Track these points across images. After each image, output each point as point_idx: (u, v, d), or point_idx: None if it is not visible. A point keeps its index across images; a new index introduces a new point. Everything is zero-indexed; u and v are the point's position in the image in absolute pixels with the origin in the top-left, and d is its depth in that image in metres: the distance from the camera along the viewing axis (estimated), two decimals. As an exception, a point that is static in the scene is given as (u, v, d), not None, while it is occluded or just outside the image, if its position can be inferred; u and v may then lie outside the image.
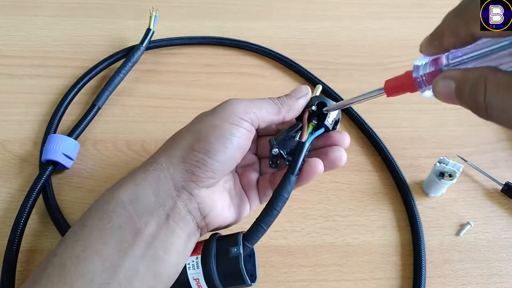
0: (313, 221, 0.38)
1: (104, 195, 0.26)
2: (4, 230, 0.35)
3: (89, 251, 0.23)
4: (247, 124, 0.27)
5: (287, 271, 0.35)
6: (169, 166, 0.25)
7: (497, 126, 0.45)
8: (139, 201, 0.25)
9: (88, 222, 0.24)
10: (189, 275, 0.26)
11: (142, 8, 0.51)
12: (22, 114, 0.42)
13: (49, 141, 0.37)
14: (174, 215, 0.25)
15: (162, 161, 0.26)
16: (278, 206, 0.26)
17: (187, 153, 0.25)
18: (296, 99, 0.29)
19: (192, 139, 0.26)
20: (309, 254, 0.36)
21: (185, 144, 0.26)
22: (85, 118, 0.40)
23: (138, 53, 0.44)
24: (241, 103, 0.27)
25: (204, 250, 0.27)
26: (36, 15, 0.49)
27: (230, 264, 0.25)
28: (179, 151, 0.26)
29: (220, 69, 0.47)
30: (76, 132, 0.39)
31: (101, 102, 0.41)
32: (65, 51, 0.46)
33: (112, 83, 0.42)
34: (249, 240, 0.26)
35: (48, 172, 0.36)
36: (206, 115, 0.27)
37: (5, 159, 0.39)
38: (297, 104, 0.29)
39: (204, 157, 0.25)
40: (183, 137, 0.26)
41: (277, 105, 0.28)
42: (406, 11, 0.54)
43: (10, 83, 0.44)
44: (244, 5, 0.53)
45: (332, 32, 0.51)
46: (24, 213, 0.34)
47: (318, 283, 0.35)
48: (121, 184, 0.26)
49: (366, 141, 0.42)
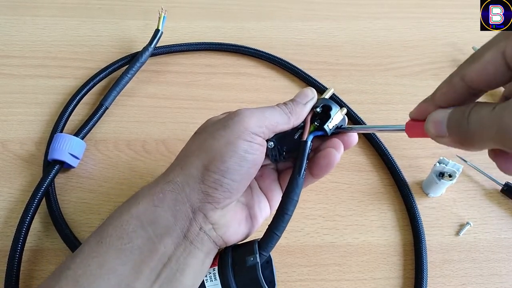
0: (313, 221, 0.38)
1: (121, 212, 0.25)
2: (5, 230, 0.35)
3: (105, 270, 0.23)
4: (260, 139, 0.26)
5: (287, 271, 0.35)
6: (185, 187, 0.25)
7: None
8: (158, 223, 0.24)
9: (106, 239, 0.24)
10: (208, 287, 0.26)
11: (142, 9, 0.51)
12: (22, 114, 0.42)
13: (56, 140, 0.37)
14: (191, 236, 0.25)
15: (179, 182, 0.25)
16: (289, 210, 0.26)
17: (202, 174, 0.25)
18: (303, 105, 0.28)
19: (206, 158, 0.25)
20: (309, 254, 0.36)
21: (199, 164, 0.25)
22: (93, 118, 0.40)
23: (147, 53, 0.44)
24: (253, 116, 0.26)
25: (220, 261, 0.26)
26: (37, 16, 0.49)
27: (248, 274, 0.25)
28: (194, 170, 0.25)
29: (220, 69, 0.47)
30: (83, 132, 0.39)
31: (109, 102, 0.42)
32: (66, 51, 0.46)
33: (120, 84, 0.42)
34: (264, 248, 0.26)
35: (54, 171, 0.36)
36: (217, 128, 0.26)
37: (6, 159, 0.39)
38: (304, 111, 0.28)
39: (220, 177, 0.25)
40: (196, 155, 0.26)
41: (287, 115, 0.27)
42: (406, 11, 0.55)
43: (11, 83, 0.44)
44: (244, 6, 0.53)
45: (332, 32, 0.51)
46: (30, 213, 0.34)
47: (318, 283, 0.35)
48: (139, 202, 0.25)
49: (366, 141, 0.43)
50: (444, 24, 0.53)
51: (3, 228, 0.35)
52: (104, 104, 0.41)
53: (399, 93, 0.47)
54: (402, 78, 0.48)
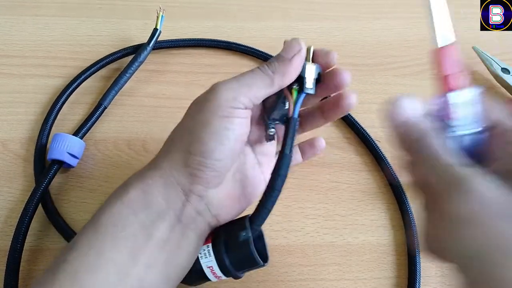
0: (313, 220, 0.38)
1: (112, 202, 0.25)
2: (5, 230, 0.35)
3: (103, 260, 0.23)
4: (240, 112, 0.25)
5: (287, 271, 0.35)
6: (172, 171, 0.25)
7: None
8: (151, 208, 0.24)
9: (101, 229, 0.24)
10: (203, 264, 0.26)
11: (142, 8, 0.51)
12: (23, 114, 0.42)
13: (54, 140, 0.37)
14: (184, 218, 0.25)
15: (165, 167, 0.25)
16: (278, 186, 0.26)
17: (185, 158, 0.25)
18: (289, 60, 0.25)
19: (187, 142, 0.25)
20: (309, 253, 0.36)
21: (181, 148, 0.25)
22: (91, 117, 0.40)
23: (145, 53, 0.44)
24: (228, 89, 0.25)
25: (213, 238, 0.27)
26: (37, 15, 0.49)
27: (241, 248, 0.26)
28: (177, 155, 0.25)
29: (221, 69, 0.47)
30: (82, 131, 0.39)
31: (107, 101, 0.41)
32: (66, 51, 0.46)
33: (118, 83, 0.42)
34: (255, 222, 0.26)
35: (53, 171, 0.36)
36: (195, 110, 0.26)
37: (6, 158, 0.39)
38: (291, 66, 0.25)
39: (202, 159, 0.24)
40: (179, 139, 0.26)
41: (269, 75, 0.25)
42: (406, 11, 0.55)
43: (11, 82, 0.44)
44: (244, 6, 0.53)
45: (332, 32, 0.51)
46: (29, 213, 0.34)
47: (318, 282, 0.35)
48: (129, 190, 0.25)
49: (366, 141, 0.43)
50: (444, 24, 0.53)
51: (3, 228, 0.35)
52: (103, 104, 0.41)
53: (400, 93, 0.47)
54: (402, 78, 0.48)
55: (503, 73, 0.46)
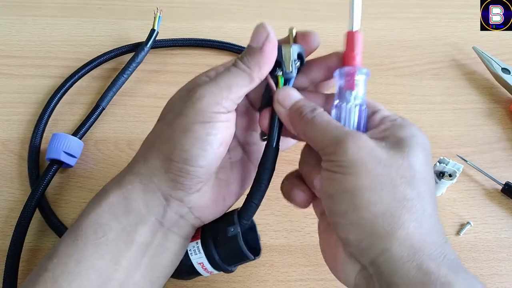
0: (313, 220, 0.37)
1: (92, 207, 0.24)
2: (5, 230, 0.35)
3: (83, 266, 0.23)
4: (222, 116, 0.23)
5: (288, 271, 0.35)
6: (152, 178, 0.24)
7: (497, 126, 0.45)
8: (131, 213, 0.24)
9: (81, 235, 0.23)
10: (193, 260, 0.26)
11: (142, 8, 0.51)
12: (23, 114, 0.42)
13: (53, 140, 0.37)
14: (166, 222, 0.24)
15: (144, 173, 0.24)
16: (264, 180, 0.25)
17: (166, 164, 0.24)
18: (260, 50, 0.24)
19: (167, 149, 0.24)
20: (310, 253, 0.36)
21: (161, 154, 0.24)
22: (89, 118, 0.40)
23: (142, 53, 0.44)
24: (207, 94, 0.23)
25: (202, 234, 0.27)
26: (37, 16, 0.49)
27: (230, 244, 0.26)
28: (157, 161, 0.24)
29: (221, 69, 0.47)
30: (80, 133, 0.39)
31: (105, 102, 0.42)
32: (66, 51, 0.47)
33: (116, 84, 0.42)
34: (244, 217, 0.26)
35: (52, 171, 0.36)
36: (173, 116, 0.24)
37: (6, 158, 0.39)
38: (263, 55, 0.24)
39: (184, 166, 0.23)
40: (157, 147, 0.24)
41: (245, 71, 0.24)
42: (406, 11, 0.55)
43: (11, 83, 0.44)
44: (244, 6, 0.53)
45: (332, 32, 0.51)
46: (28, 213, 0.34)
47: (318, 282, 0.35)
48: (109, 196, 0.24)
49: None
50: (444, 24, 0.53)
51: (3, 228, 0.35)
52: (101, 105, 0.41)
53: (400, 93, 0.47)
54: (403, 78, 0.48)
55: (503, 73, 0.46)
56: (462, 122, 0.45)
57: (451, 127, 0.44)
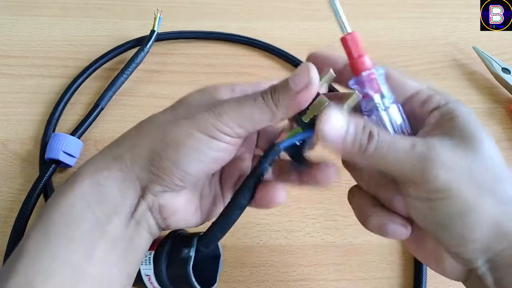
0: (314, 220, 0.38)
1: (64, 194, 0.22)
2: (5, 230, 0.35)
3: (57, 263, 0.21)
4: (229, 139, 0.22)
5: (288, 271, 0.35)
6: (134, 165, 0.23)
7: (498, 126, 0.45)
8: (106, 202, 0.22)
9: (52, 228, 0.22)
10: (141, 270, 0.25)
11: (142, 8, 0.51)
12: (23, 114, 0.42)
13: (52, 140, 0.37)
14: (137, 215, 0.23)
15: (127, 159, 0.23)
16: (234, 214, 0.23)
17: (154, 156, 0.22)
18: (296, 93, 0.22)
19: (160, 142, 0.22)
20: (310, 253, 0.36)
21: (152, 145, 0.23)
22: (88, 118, 0.40)
23: (142, 54, 0.44)
24: (228, 113, 0.22)
25: (158, 247, 0.25)
26: (37, 15, 0.49)
27: (179, 265, 0.24)
28: (145, 151, 0.23)
29: (221, 69, 0.47)
30: (78, 132, 0.39)
31: (104, 102, 0.42)
32: (66, 51, 0.46)
33: (115, 84, 0.42)
34: (204, 244, 0.24)
35: (50, 171, 0.36)
36: (183, 115, 0.23)
37: (6, 158, 0.39)
38: (296, 102, 0.22)
39: (171, 166, 0.22)
40: (151, 136, 0.23)
41: (270, 108, 0.22)
42: (407, 11, 0.55)
43: (11, 83, 0.44)
44: (244, 5, 0.53)
45: (332, 32, 0.51)
46: (26, 212, 0.34)
47: (318, 282, 0.35)
48: (83, 180, 0.23)
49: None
50: (445, 24, 0.53)
51: (2, 228, 0.35)
52: (100, 104, 0.41)
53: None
54: (403, 78, 0.48)
55: (503, 73, 0.46)
56: (462, 122, 0.45)
57: (451, 127, 0.44)
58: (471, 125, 0.21)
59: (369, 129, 0.21)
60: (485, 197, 0.20)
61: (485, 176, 0.20)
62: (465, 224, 0.20)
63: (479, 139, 0.21)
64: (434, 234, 0.22)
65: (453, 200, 0.20)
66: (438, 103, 0.22)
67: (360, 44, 0.23)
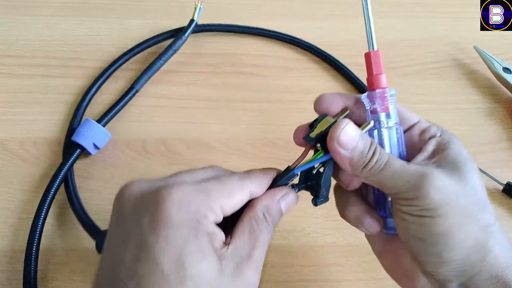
0: (314, 221, 0.38)
1: None
2: (4, 230, 0.35)
3: None
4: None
5: (288, 271, 0.35)
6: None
7: (498, 126, 0.45)
8: None
9: None
10: None
11: (142, 8, 0.51)
12: (22, 114, 0.42)
13: (83, 125, 0.38)
14: None
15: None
16: None
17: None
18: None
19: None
20: (310, 254, 0.36)
21: None
22: (121, 101, 0.41)
23: (180, 42, 0.45)
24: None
25: None
26: (37, 15, 0.49)
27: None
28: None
29: (221, 68, 0.47)
30: (109, 115, 0.41)
31: (139, 85, 0.43)
32: (66, 50, 0.46)
33: (152, 68, 0.44)
34: None
35: (75, 155, 0.37)
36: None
37: (5, 159, 0.39)
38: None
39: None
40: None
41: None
42: (407, 10, 0.54)
43: (10, 82, 0.43)
44: (244, 5, 0.53)
45: (332, 32, 0.51)
46: (48, 198, 0.35)
47: (319, 283, 0.35)
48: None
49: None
50: (445, 24, 0.53)
51: (2, 228, 0.35)
52: (135, 87, 0.42)
53: (401, 93, 0.45)
54: (403, 78, 0.48)
55: (504, 72, 0.46)
56: (463, 121, 0.45)
57: (452, 126, 0.44)
58: (461, 157, 0.23)
59: (375, 145, 0.23)
60: (469, 223, 0.22)
61: (470, 202, 0.22)
62: (447, 244, 0.21)
63: (467, 169, 0.23)
64: (415, 249, 0.23)
65: (440, 220, 0.21)
66: (434, 133, 0.24)
67: (381, 63, 0.25)
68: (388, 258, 0.26)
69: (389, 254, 0.26)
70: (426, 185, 0.21)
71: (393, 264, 0.26)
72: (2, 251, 0.34)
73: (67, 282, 0.33)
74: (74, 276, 0.34)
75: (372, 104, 0.24)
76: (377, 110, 0.24)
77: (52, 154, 0.39)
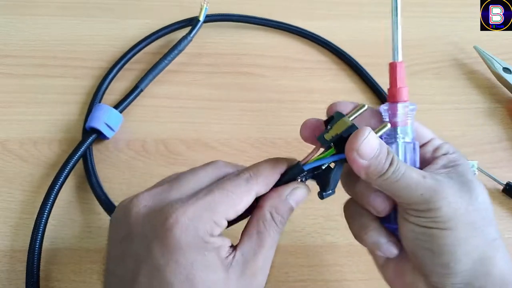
0: (314, 221, 0.38)
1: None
2: (4, 230, 0.35)
3: None
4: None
5: (288, 271, 0.35)
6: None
7: (498, 126, 0.45)
8: None
9: None
10: None
11: (142, 8, 0.50)
12: (22, 114, 0.42)
13: (95, 110, 0.39)
14: None
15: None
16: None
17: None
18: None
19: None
20: (310, 254, 0.36)
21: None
22: (126, 99, 0.42)
23: (185, 42, 0.45)
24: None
25: None
26: (37, 15, 0.49)
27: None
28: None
29: (220, 68, 0.47)
30: (120, 107, 0.41)
31: (144, 85, 0.43)
32: (65, 50, 0.46)
33: (157, 68, 0.44)
34: None
35: (90, 139, 0.38)
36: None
37: (5, 159, 0.39)
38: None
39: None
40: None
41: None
42: (407, 10, 0.54)
43: (10, 82, 0.43)
44: (244, 5, 0.53)
45: (332, 31, 0.51)
46: (61, 177, 0.36)
47: (318, 283, 0.35)
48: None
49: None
50: (445, 23, 0.53)
51: (2, 228, 0.35)
52: (140, 87, 0.42)
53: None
54: (403, 78, 0.48)
55: (504, 72, 0.46)
56: (463, 121, 0.45)
57: (452, 126, 0.44)
58: (469, 175, 0.24)
59: (392, 155, 0.23)
60: (476, 236, 0.23)
61: (477, 217, 0.23)
62: (454, 255, 0.22)
63: (475, 186, 0.23)
64: (421, 260, 0.23)
65: (449, 232, 0.22)
66: (447, 151, 0.25)
67: (404, 75, 0.25)
68: (390, 270, 0.27)
69: (391, 266, 0.26)
70: (439, 201, 0.22)
71: (395, 276, 0.26)
72: (2, 251, 0.34)
73: (68, 282, 0.34)
74: (74, 276, 0.34)
75: (393, 117, 0.24)
76: (396, 123, 0.24)
77: (52, 154, 0.39)
